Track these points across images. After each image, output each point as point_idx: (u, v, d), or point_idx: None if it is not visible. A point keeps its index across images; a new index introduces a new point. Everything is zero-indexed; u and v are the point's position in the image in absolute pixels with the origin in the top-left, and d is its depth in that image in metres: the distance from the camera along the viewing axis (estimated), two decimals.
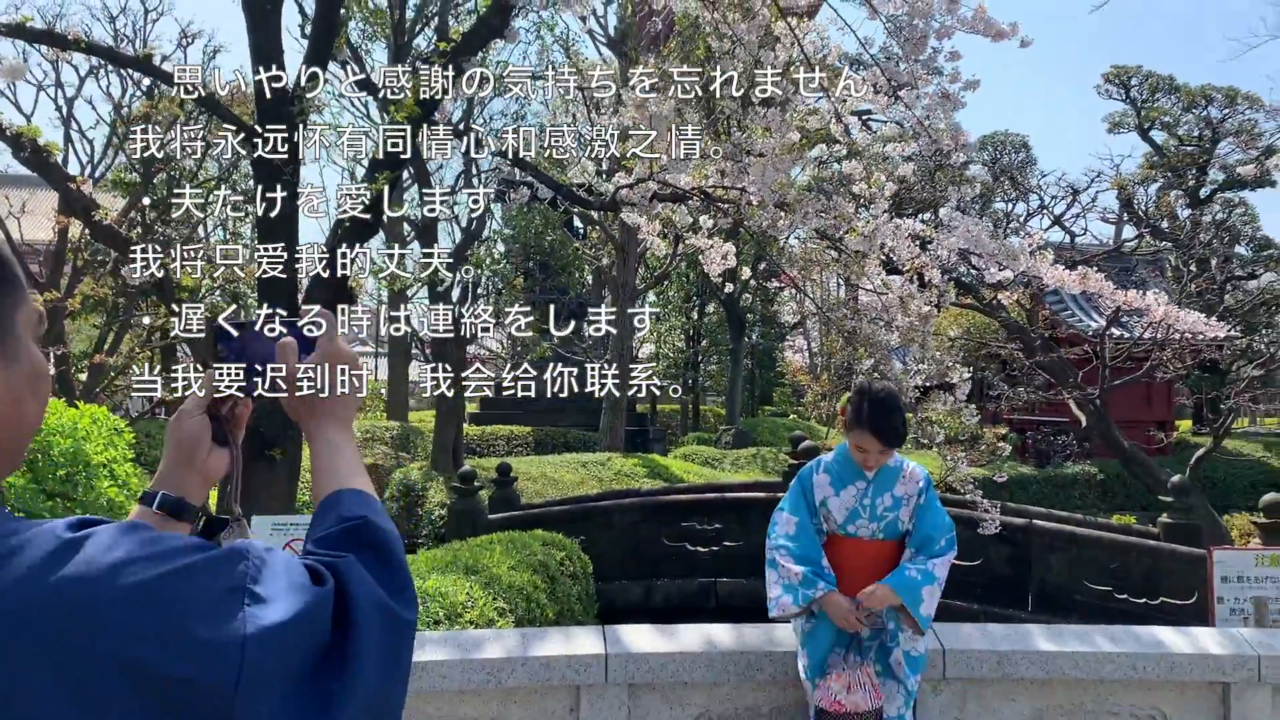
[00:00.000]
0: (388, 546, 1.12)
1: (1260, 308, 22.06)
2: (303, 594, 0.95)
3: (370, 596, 1.01)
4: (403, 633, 1.04)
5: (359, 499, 1.19)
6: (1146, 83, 27.94)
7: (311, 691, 0.92)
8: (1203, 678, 3.96)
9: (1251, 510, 9.57)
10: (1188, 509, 9.77)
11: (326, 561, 1.04)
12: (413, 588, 1.10)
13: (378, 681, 0.98)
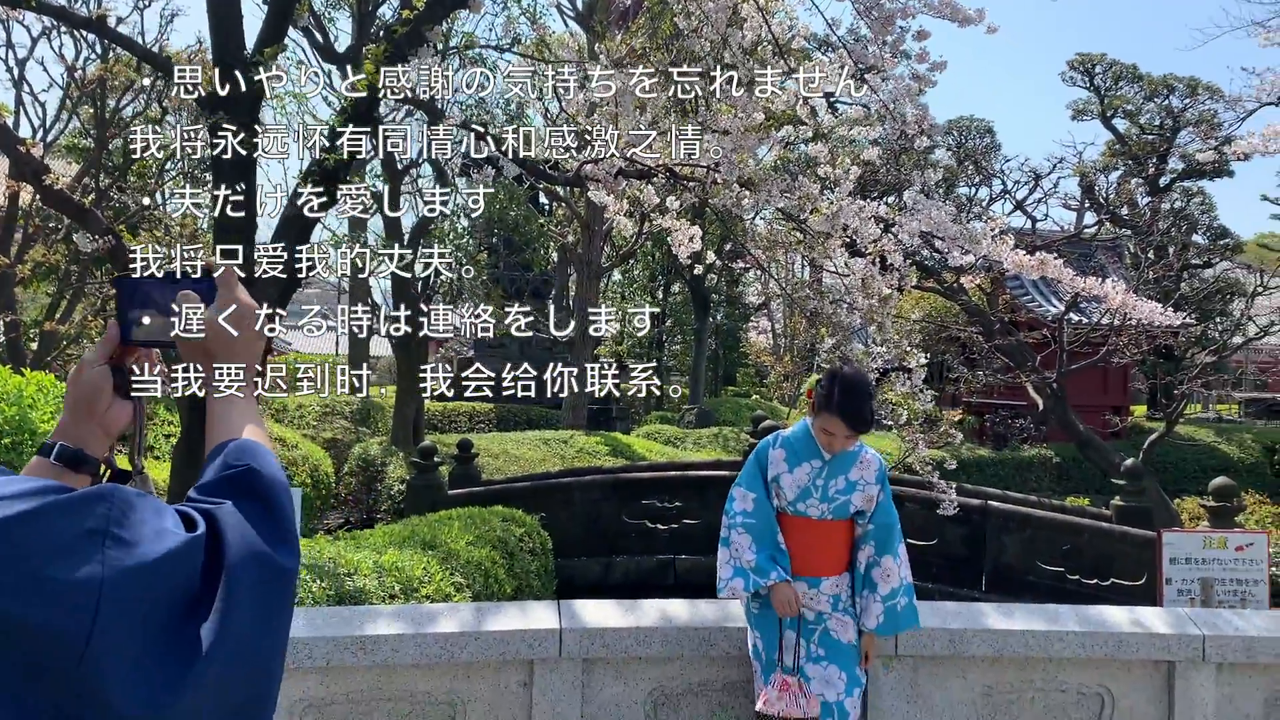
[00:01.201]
0: (271, 494, 1.09)
1: (1215, 296, 22.46)
2: (170, 538, 0.93)
3: (246, 543, 0.99)
4: (281, 581, 1.02)
5: (247, 448, 1.16)
6: (1110, 71, 28.22)
7: (177, 638, 0.90)
8: (1149, 656, 4.02)
9: (1202, 494, 9.76)
10: (1140, 492, 9.94)
11: (202, 508, 1.01)
12: (296, 537, 1.08)
13: (250, 630, 0.96)
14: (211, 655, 0.91)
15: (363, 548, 5.59)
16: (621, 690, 3.68)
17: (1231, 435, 21.13)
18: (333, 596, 4.55)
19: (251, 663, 0.97)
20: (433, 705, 3.50)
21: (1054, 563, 9.15)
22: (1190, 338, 17.14)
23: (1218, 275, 25.80)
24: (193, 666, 0.89)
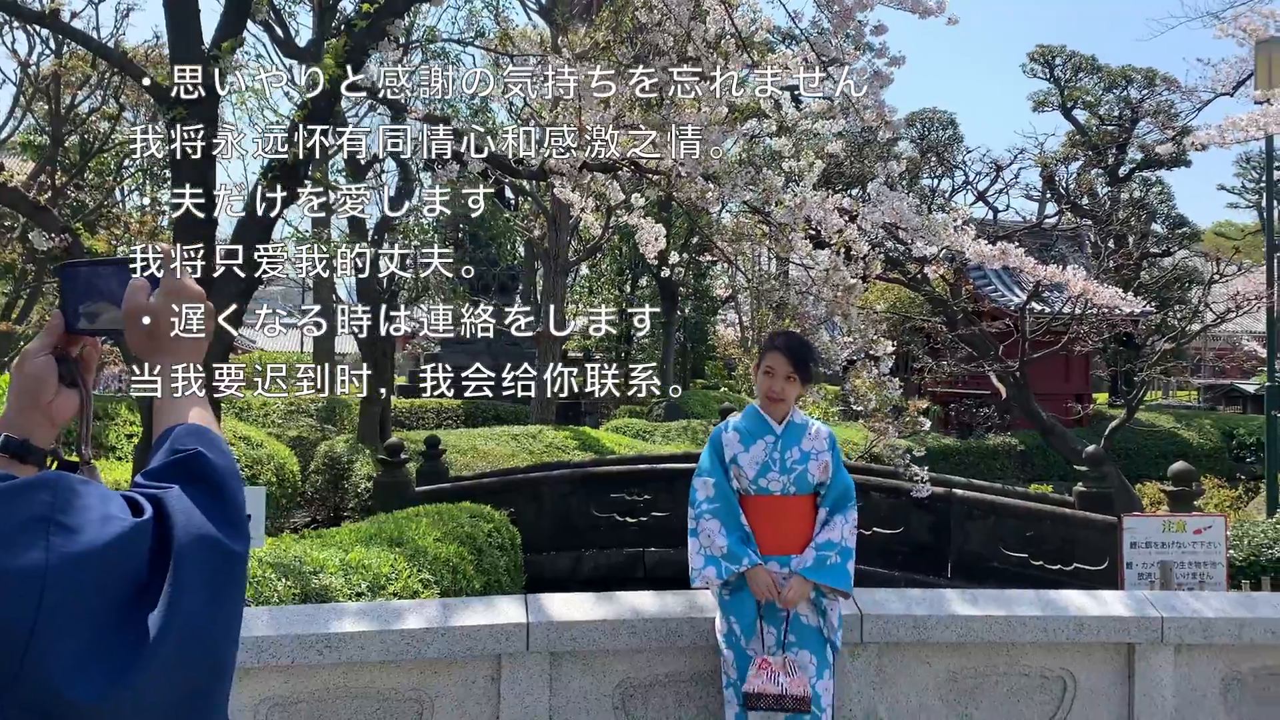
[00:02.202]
0: (219, 479, 1.09)
1: (1174, 284, 22.78)
2: (115, 524, 0.93)
3: (194, 527, 0.99)
4: (230, 565, 1.02)
5: (194, 432, 1.16)
6: (1070, 63, 28.53)
7: (124, 623, 0.90)
8: (1109, 639, 4.09)
9: (1162, 479, 9.93)
10: (1102, 478, 10.09)
11: (149, 493, 1.01)
12: (245, 520, 1.08)
13: (199, 614, 0.96)
14: (160, 640, 0.91)
15: (329, 546, 5.57)
16: (590, 683, 3.69)
17: (1190, 421, 21.49)
18: (298, 595, 4.52)
19: (203, 647, 0.96)
20: (399, 702, 3.49)
21: (1018, 549, 9.27)
22: (1150, 326, 17.37)
23: (1176, 264, 26.18)
24: (141, 652, 0.89)
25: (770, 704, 3.24)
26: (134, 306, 1.25)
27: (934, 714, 3.95)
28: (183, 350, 1.28)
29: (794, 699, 3.22)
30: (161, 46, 11.67)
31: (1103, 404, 24.34)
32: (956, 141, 27.43)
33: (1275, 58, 10.72)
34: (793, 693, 3.22)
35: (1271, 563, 7.63)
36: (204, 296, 1.29)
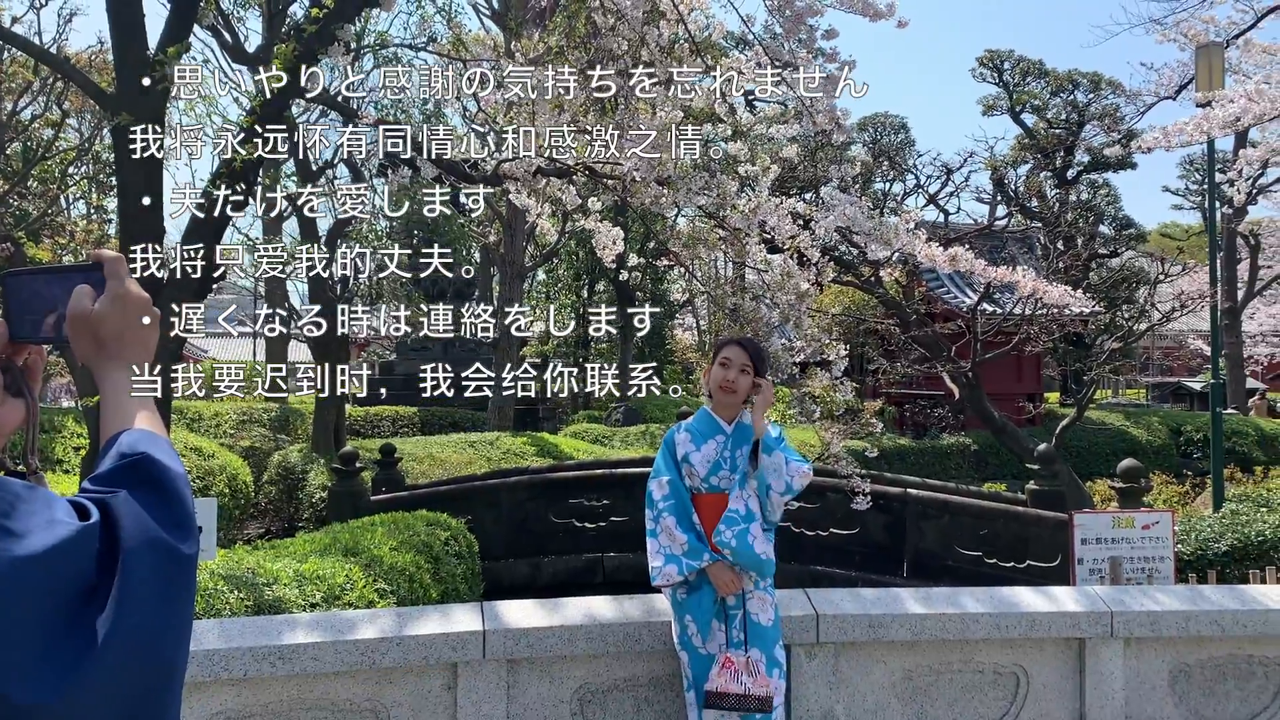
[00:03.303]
0: (167, 482, 1.09)
1: (1121, 284, 23.22)
2: (61, 528, 0.93)
3: (142, 531, 0.99)
4: (180, 568, 1.02)
5: (141, 437, 1.15)
6: (1018, 67, 29.01)
7: (71, 627, 0.90)
8: (1061, 634, 4.15)
9: (1112, 476, 10.08)
10: (1053, 476, 10.24)
11: (96, 497, 1.01)
12: (194, 523, 1.08)
13: (149, 616, 0.96)
14: (108, 644, 0.91)
15: (283, 556, 5.49)
16: (547, 689, 3.68)
17: (1139, 419, 21.88)
18: (251, 607, 4.45)
19: (152, 650, 0.97)
20: (355, 713, 3.45)
21: (972, 547, 9.38)
22: (1098, 325, 17.70)
23: (1123, 264, 26.70)
24: (89, 655, 0.90)
25: (732, 704, 3.25)
26: (78, 312, 1.23)
27: (890, 712, 3.98)
28: (129, 355, 1.26)
29: (757, 699, 3.24)
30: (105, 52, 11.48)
31: (1054, 403, 24.71)
32: (908, 145, 27.77)
33: (1214, 62, 10.97)
34: (755, 693, 3.24)
35: (1218, 556, 7.79)
36: (150, 301, 1.28)
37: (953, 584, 7.35)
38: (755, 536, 3.43)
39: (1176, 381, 36.23)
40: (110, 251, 1.27)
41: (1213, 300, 13.28)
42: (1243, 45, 12.86)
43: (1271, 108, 9.92)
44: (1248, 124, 10.63)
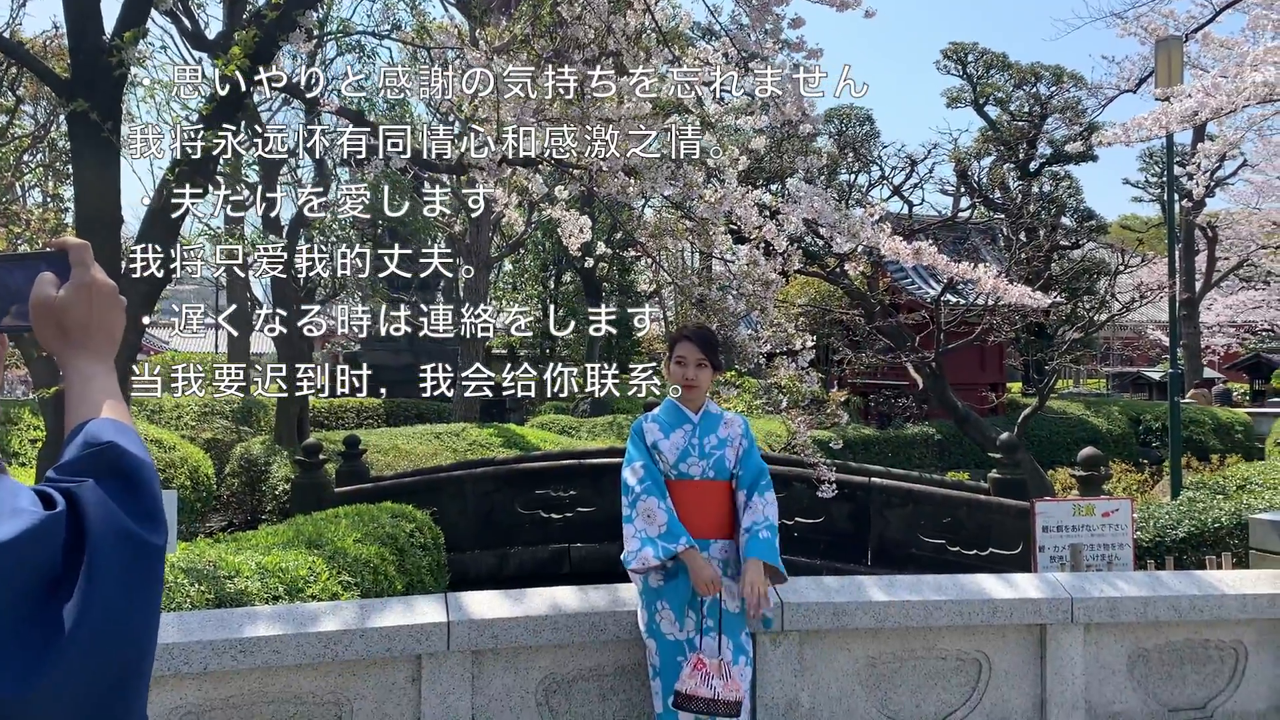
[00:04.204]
0: (135, 471, 1.08)
1: (1082, 275, 23.52)
2: (26, 517, 0.92)
3: (109, 521, 0.98)
4: (149, 558, 1.02)
5: (108, 426, 1.13)
6: (982, 60, 29.21)
7: (37, 617, 0.89)
8: (1022, 621, 4.20)
9: (1073, 465, 10.21)
10: (1015, 465, 10.35)
11: (62, 486, 1.00)
12: (162, 513, 1.07)
13: (117, 608, 0.95)
14: (75, 634, 0.90)
15: (245, 549, 5.43)
16: (513, 680, 3.67)
17: (1099, 408, 22.18)
18: (212, 600, 4.40)
19: (120, 641, 0.96)
20: (318, 706, 3.43)
21: (935, 535, 9.47)
22: (1060, 316, 17.90)
23: (1085, 255, 27.02)
24: (56, 645, 0.89)
25: (701, 707, 3.25)
26: (42, 301, 1.21)
27: (854, 700, 4.01)
28: (94, 345, 1.24)
29: (726, 704, 3.24)
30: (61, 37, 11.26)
31: (1016, 393, 24.97)
32: (873, 137, 27.87)
33: (1174, 55, 11.11)
34: (725, 697, 3.24)
35: (1175, 543, 7.91)
36: (116, 290, 1.26)
37: (916, 572, 7.42)
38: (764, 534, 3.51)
39: (1136, 371, 36.78)
40: (75, 239, 1.25)
41: (1171, 291, 13.47)
42: (1201, 40, 13.02)
43: (1228, 102, 10.05)
44: (1205, 118, 10.78)
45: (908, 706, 4.08)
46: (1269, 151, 28.33)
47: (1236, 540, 7.53)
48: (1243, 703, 4.42)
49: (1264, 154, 28.57)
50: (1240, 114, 11.23)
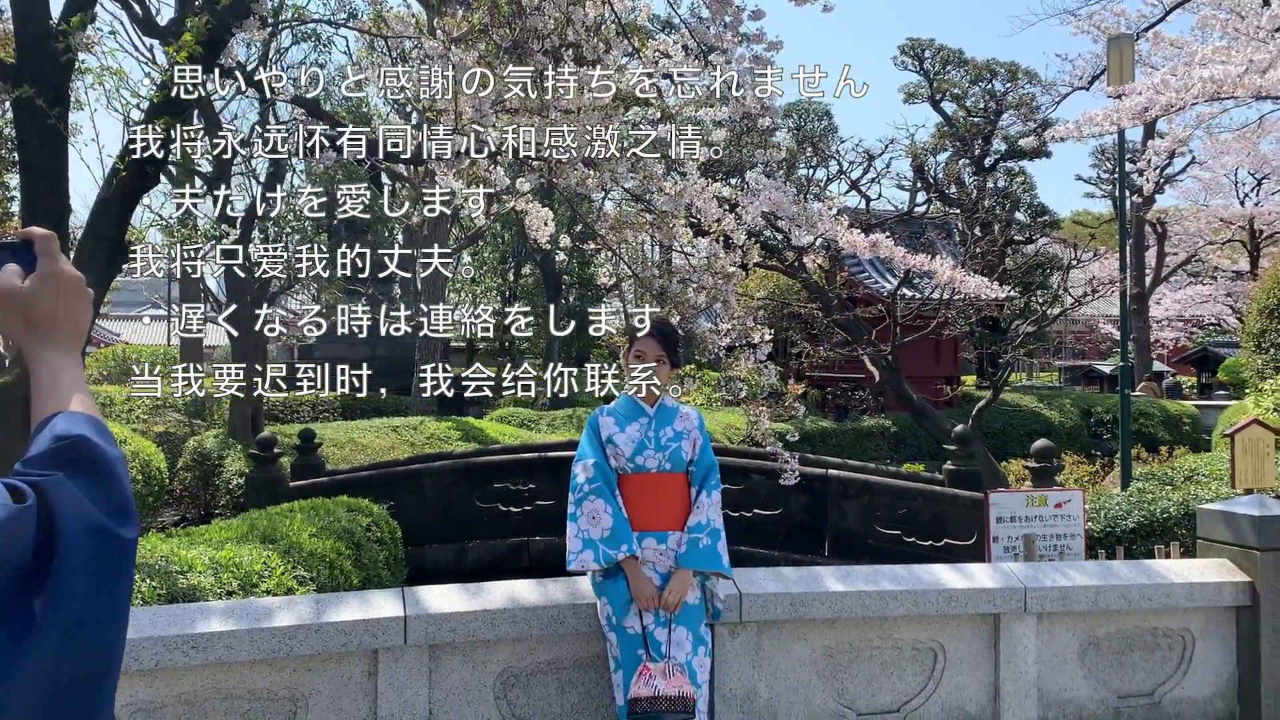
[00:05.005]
0: (104, 465, 1.07)
1: (1035, 270, 23.86)
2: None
3: (80, 514, 0.98)
4: (120, 552, 1.01)
5: (77, 419, 1.12)
6: (938, 56, 29.50)
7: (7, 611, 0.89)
8: (976, 610, 4.25)
9: (1026, 457, 10.36)
10: (970, 457, 10.48)
11: (32, 480, 0.98)
12: (133, 507, 1.07)
13: (88, 602, 0.95)
14: (47, 629, 0.89)
15: (197, 544, 5.35)
16: (470, 674, 3.65)
17: (1052, 401, 22.53)
18: (164, 596, 4.33)
19: (92, 635, 0.95)
20: (272, 702, 3.38)
21: (891, 526, 9.57)
22: (1014, 310, 18.16)
23: (1038, 250, 27.43)
24: (27, 639, 0.88)
25: (645, 707, 3.27)
26: (7, 291, 1.19)
27: (811, 689, 4.04)
28: (61, 337, 1.22)
29: (668, 700, 3.25)
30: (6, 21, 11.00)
31: (971, 386, 25.30)
32: (831, 132, 28.04)
33: (1125, 54, 11.28)
34: (666, 693, 3.26)
35: (1125, 533, 8.06)
36: (84, 282, 1.24)
37: (873, 562, 7.50)
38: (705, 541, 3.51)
39: (1087, 365, 37.41)
40: (41, 229, 1.23)
41: (1122, 286, 13.71)
42: (1152, 38, 13.24)
43: (1177, 99, 10.24)
44: (1155, 115, 10.97)
45: (864, 696, 4.11)
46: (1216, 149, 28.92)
47: (1184, 530, 7.68)
48: (1190, 689, 4.52)
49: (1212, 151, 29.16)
50: (1189, 111, 11.43)
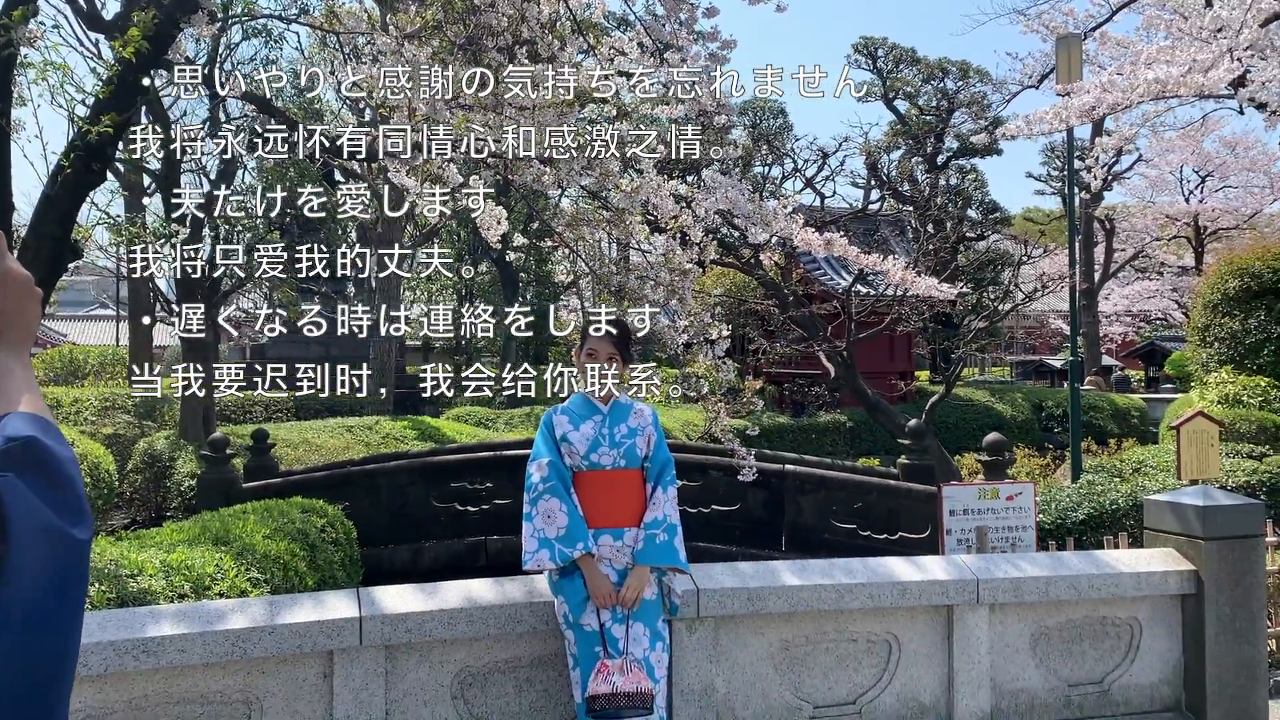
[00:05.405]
0: (56, 466, 1.06)
1: (987, 266, 24.19)
2: None
3: (32, 515, 0.97)
4: (74, 552, 1.01)
5: (28, 420, 1.10)
6: (891, 54, 29.79)
7: None
8: (930, 602, 4.31)
9: (978, 450, 10.50)
10: (924, 451, 10.61)
11: None
12: (86, 507, 1.06)
13: (42, 600, 0.95)
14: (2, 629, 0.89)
15: (148, 547, 5.27)
16: (427, 674, 3.63)
17: (1004, 395, 22.86)
18: (114, 600, 4.26)
19: (46, 637, 0.95)
20: (226, 705, 3.34)
21: (847, 520, 9.66)
22: (966, 306, 18.38)
23: (990, 247, 27.80)
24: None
25: (604, 704, 3.27)
26: None
27: (768, 683, 4.07)
28: (11, 337, 1.20)
29: (626, 696, 3.26)
30: None
31: (924, 381, 25.58)
32: (786, 130, 28.18)
33: (1074, 53, 11.47)
34: (624, 690, 3.27)
35: (1076, 524, 8.20)
36: (32, 281, 1.22)
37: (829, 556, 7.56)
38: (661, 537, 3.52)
39: (1038, 359, 37.98)
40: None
41: (1072, 281, 13.94)
42: (1099, 38, 13.47)
43: (1124, 98, 10.42)
44: (1102, 113, 11.16)
45: (820, 689, 4.15)
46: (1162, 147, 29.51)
47: (1133, 521, 7.83)
48: (1137, 676, 4.61)
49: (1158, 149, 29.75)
50: (1135, 110, 11.65)
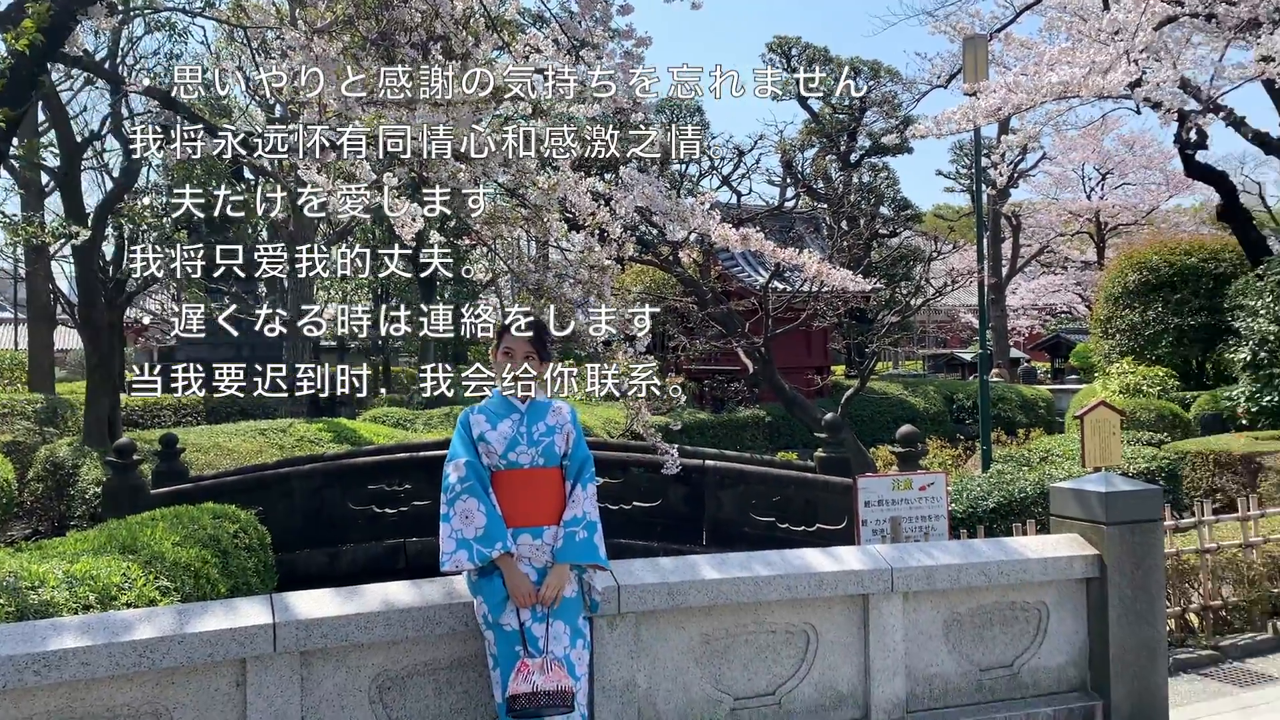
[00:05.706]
0: None
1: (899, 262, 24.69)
2: None
3: None
4: None
5: None
6: (805, 54, 30.17)
7: None
8: (846, 592, 4.38)
9: (892, 443, 10.72)
10: (840, 444, 10.79)
11: None
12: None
13: None
14: None
15: (50, 558, 5.08)
16: (345, 679, 3.57)
17: (917, 388, 23.38)
18: (13, 614, 4.10)
19: None
20: (134, 718, 3.24)
21: (766, 513, 9.78)
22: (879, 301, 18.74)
23: (901, 243, 28.39)
24: None
25: (525, 703, 3.26)
26: None
27: (689, 676, 4.10)
28: None
29: (546, 694, 3.25)
30: None
31: (840, 375, 26.03)
32: (703, 128, 28.38)
33: (980, 53, 11.77)
34: (545, 688, 3.26)
35: (986, 513, 8.44)
36: None
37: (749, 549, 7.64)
38: (580, 535, 3.52)
39: (949, 353, 38.96)
40: None
41: (980, 276, 14.32)
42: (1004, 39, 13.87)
43: (1028, 99, 10.75)
44: (1008, 113, 11.49)
45: (741, 680, 4.20)
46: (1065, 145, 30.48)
47: (1040, 508, 8.09)
48: (1045, 658, 4.76)
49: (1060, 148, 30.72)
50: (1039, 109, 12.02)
